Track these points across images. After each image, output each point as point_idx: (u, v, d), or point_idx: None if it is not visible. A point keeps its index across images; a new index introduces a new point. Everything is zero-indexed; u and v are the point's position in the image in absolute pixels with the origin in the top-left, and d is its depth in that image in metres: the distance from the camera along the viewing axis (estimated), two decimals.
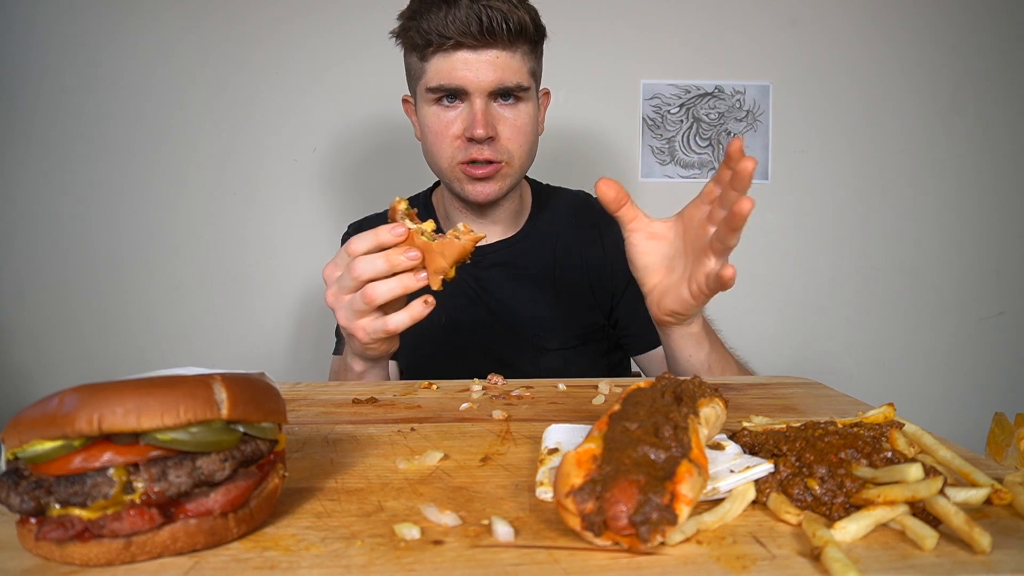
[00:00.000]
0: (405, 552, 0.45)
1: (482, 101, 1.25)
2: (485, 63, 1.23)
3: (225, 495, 0.46)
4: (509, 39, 1.23)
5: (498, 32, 1.20)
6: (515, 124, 1.30)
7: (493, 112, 1.27)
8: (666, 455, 0.47)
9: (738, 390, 0.94)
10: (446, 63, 1.23)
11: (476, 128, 1.24)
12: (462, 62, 1.23)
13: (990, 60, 2.36)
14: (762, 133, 2.35)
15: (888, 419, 0.64)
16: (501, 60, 1.24)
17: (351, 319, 0.99)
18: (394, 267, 0.94)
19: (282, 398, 0.53)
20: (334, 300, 1.01)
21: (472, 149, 1.27)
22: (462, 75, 1.23)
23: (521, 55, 1.27)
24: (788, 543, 0.46)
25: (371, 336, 0.99)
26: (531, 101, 1.32)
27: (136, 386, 0.44)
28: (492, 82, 1.24)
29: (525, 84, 1.28)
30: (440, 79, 1.24)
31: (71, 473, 0.43)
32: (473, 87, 1.24)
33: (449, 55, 1.23)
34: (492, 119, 1.27)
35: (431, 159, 1.35)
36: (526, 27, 1.24)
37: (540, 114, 1.40)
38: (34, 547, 0.44)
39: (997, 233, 2.40)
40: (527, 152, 1.35)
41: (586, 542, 0.46)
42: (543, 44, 1.34)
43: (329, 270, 1.02)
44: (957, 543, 0.45)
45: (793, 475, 0.52)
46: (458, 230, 0.94)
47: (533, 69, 1.32)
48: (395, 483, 0.58)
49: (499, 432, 0.74)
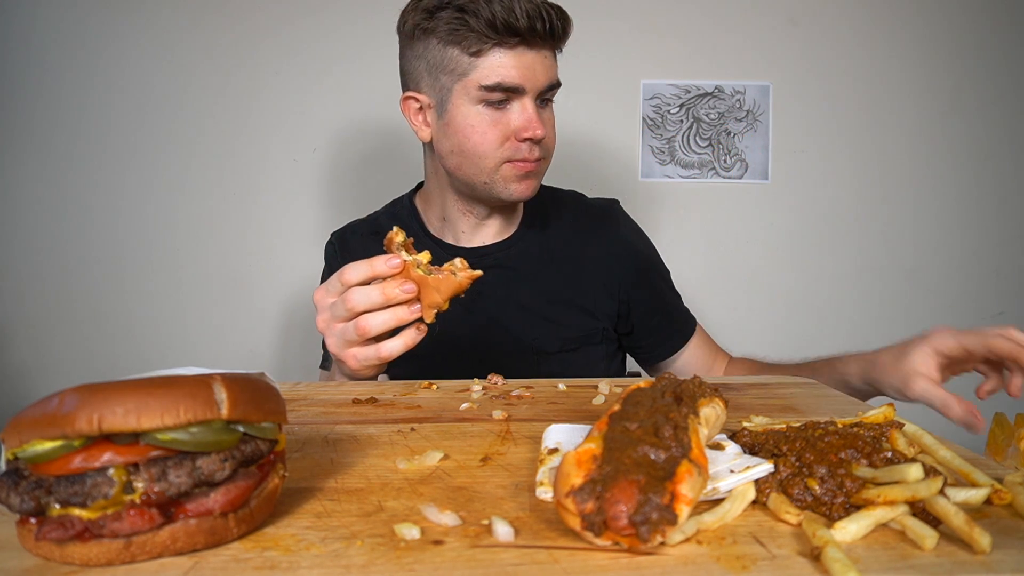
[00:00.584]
0: (405, 552, 0.45)
1: (533, 101, 1.23)
2: (542, 62, 1.21)
3: (225, 495, 0.46)
4: (556, 40, 1.23)
5: (556, 32, 1.20)
6: (550, 123, 1.30)
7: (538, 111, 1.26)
8: (666, 455, 0.47)
9: (738, 390, 0.94)
10: (507, 59, 1.18)
11: (537, 129, 1.22)
12: (525, 59, 1.19)
13: (990, 60, 2.36)
14: (762, 133, 2.35)
15: (888, 419, 0.64)
16: (549, 60, 1.24)
17: (342, 347, 0.99)
18: (389, 300, 0.94)
19: (282, 398, 0.53)
20: (325, 326, 1.00)
21: (524, 150, 1.24)
22: (523, 73, 1.19)
23: (555, 56, 1.27)
24: (788, 543, 0.46)
25: (362, 363, 0.99)
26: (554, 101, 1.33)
27: (136, 386, 0.44)
28: (546, 82, 1.23)
29: (559, 83, 1.29)
30: (500, 76, 1.19)
31: (71, 473, 0.43)
32: (531, 86, 1.21)
33: (510, 51, 1.18)
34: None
35: (466, 160, 1.26)
36: (569, 29, 1.24)
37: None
38: (34, 547, 0.44)
39: (997, 233, 2.41)
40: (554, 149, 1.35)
41: (586, 542, 0.45)
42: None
43: (320, 295, 1.01)
44: (957, 543, 0.45)
45: (793, 475, 0.52)
46: (455, 266, 0.93)
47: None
48: (395, 483, 0.58)
49: (499, 432, 0.74)
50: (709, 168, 2.35)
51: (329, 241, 1.51)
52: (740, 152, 2.35)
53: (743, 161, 2.35)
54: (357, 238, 1.47)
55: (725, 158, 2.35)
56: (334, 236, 1.51)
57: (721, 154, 2.35)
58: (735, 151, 2.35)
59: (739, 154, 2.35)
